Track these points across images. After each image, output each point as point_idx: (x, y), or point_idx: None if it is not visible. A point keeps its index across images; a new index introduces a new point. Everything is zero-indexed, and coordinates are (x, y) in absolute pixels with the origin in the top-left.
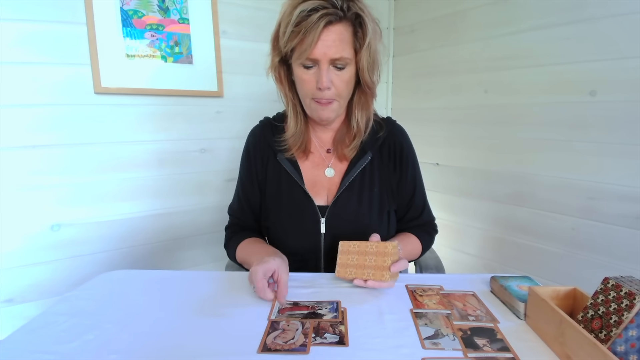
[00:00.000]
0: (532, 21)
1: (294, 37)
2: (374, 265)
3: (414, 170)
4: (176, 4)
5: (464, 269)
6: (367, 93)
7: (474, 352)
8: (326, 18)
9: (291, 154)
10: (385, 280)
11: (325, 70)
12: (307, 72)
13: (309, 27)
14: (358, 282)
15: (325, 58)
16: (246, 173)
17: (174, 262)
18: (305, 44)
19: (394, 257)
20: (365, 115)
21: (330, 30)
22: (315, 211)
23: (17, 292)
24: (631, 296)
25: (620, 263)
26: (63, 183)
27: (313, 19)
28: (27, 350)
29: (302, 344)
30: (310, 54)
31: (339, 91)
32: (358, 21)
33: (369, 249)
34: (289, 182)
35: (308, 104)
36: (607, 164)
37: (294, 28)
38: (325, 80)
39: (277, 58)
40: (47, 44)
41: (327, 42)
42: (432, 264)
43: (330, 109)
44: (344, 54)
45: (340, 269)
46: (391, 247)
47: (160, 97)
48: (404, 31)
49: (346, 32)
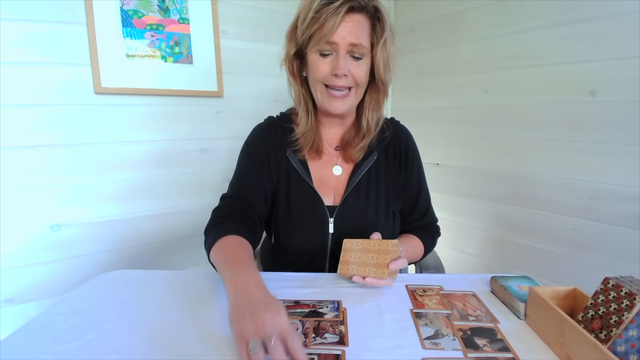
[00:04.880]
0: (532, 21)
1: (314, 23)
2: (375, 263)
3: (419, 171)
4: (176, 4)
5: (464, 269)
6: (380, 90)
7: (474, 352)
8: (347, 4)
9: (302, 155)
10: (384, 277)
11: (343, 57)
12: (324, 60)
13: (331, 12)
14: (357, 279)
15: (344, 42)
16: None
17: (174, 262)
18: (325, 29)
19: (394, 255)
20: (376, 115)
21: (350, 17)
22: (325, 211)
23: (17, 292)
24: (631, 296)
25: (620, 263)
26: (63, 183)
27: (335, 5)
28: (27, 350)
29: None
30: (330, 37)
31: (357, 79)
32: (377, 15)
33: (372, 247)
34: (298, 180)
35: (320, 90)
36: (607, 164)
37: (315, 14)
38: (342, 65)
39: (294, 49)
40: (47, 44)
41: (347, 28)
42: (432, 264)
43: (344, 102)
44: (362, 41)
45: (342, 266)
46: (392, 245)
47: (160, 97)
48: (404, 31)
49: (365, 22)
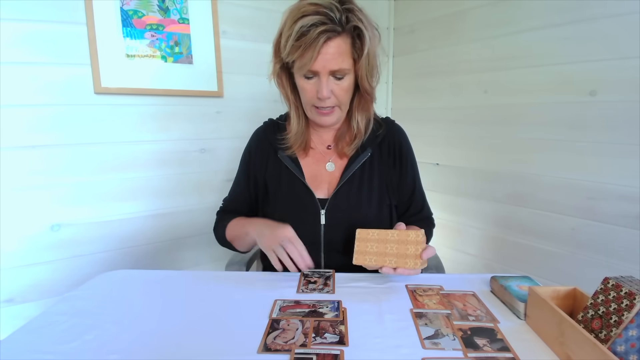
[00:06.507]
0: (532, 21)
1: (294, 51)
2: (396, 253)
3: (413, 168)
4: (176, 4)
5: (464, 269)
6: (367, 99)
7: (474, 352)
8: (325, 34)
9: (292, 151)
10: (411, 267)
11: (325, 82)
12: (308, 82)
13: (309, 43)
14: (387, 270)
15: (324, 70)
16: (244, 171)
17: (174, 262)
18: (305, 58)
19: (421, 244)
20: (366, 117)
21: (329, 45)
22: (316, 203)
23: (17, 292)
24: (631, 296)
25: (620, 263)
26: (63, 183)
27: (313, 35)
28: (27, 350)
29: (302, 344)
30: (310, 67)
31: (339, 99)
32: (356, 33)
33: (390, 237)
34: (290, 177)
35: (309, 110)
36: (607, 164)
37: (295, 42)
38: (325, 91)
39: (279, 65)
40: (47, 44)
41: (327, 56)
42: (432, 264)
43: (331, 116)
44: (342, 65)
45: (359, 256)
46: (414, 235)
47: (160, 97)
48: (404, 31)
49: (345, 44)
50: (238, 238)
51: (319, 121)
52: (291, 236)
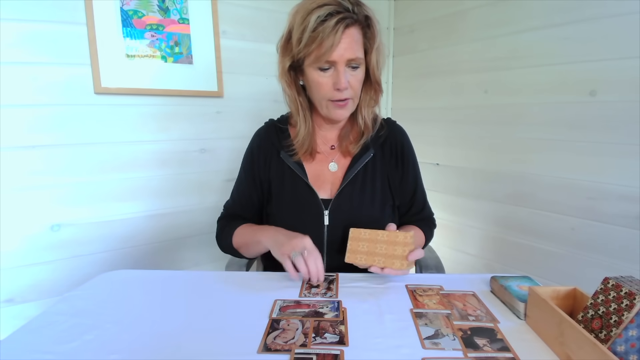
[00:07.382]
0: (532, 21)
1: (311, 42)
2: (385, 254)
3: (415, 169)
4: (176, 4)
5: (464, 269)
6: (377, 89)
7: (474, 352)
8: (344, 22)
9: (298, 158)
10: (396, 268)
11: (343, 72)
12: (324, 75)
13: (328, 32)
14: (375, 269)
15: (342, 59)
16: (248, 172)
17: (174, 262)
18: (324, 48)
19: (409, 246)
20: (372, 112)
21: (346, 33)
22: (319, 204)
23: (17, 292)
24: (631, 296)
25: (620, 263)
26: (63, 183)
27: (330, 24)
28: (27, 350)
29: (302, 344)
30: (329, 57)
31: (355, 90)
32: (367, 23)
33: (380, 237)
34: (293, 178)
35: (325, 105)
36: (606, 163)
37: (311, 34)
38: (344, 80)
39: (288, 63)
40: (47, 44)
41: (344, 45)
42: (432, 264)
43: (347, 108)
44: (358, 54)
45: (350, 254)
46: (402, 237)
47: (160, 97)
48: (404, 31)
49: (358, 34)
50: (246, 245)
51: (335, 115)
52: (310, 247)
